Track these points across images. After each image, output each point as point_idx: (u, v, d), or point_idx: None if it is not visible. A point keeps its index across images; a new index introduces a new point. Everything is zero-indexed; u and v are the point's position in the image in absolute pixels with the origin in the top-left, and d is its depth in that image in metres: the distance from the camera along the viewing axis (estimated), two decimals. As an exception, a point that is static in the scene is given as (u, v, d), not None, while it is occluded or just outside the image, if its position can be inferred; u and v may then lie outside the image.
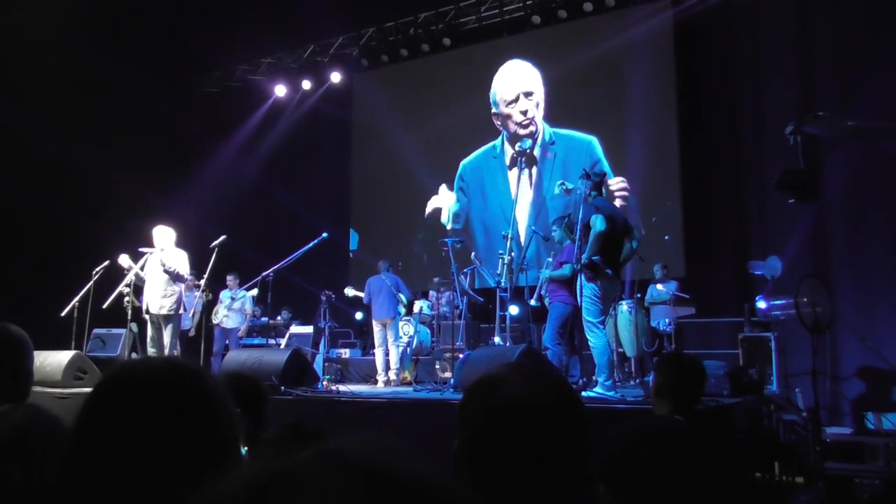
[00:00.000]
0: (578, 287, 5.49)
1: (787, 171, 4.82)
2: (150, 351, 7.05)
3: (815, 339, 5.32)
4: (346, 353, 9.55)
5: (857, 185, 7.95)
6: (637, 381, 7.30)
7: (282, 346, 8.78)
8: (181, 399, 0.94)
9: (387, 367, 7.93)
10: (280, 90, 12.37)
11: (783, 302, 6.47)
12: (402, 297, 8.13)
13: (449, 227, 10.97)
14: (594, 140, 10.03)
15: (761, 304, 7.05)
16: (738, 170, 9.10)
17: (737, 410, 4.99)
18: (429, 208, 11.21)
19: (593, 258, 5.36)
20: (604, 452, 1.38)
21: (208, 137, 12.27)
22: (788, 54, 8.78)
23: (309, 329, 9.45)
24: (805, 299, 5.34)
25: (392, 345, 7.94)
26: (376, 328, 8.02)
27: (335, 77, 11.99)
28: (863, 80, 7.91)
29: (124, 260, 6.91)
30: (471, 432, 1.17)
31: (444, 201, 11.18)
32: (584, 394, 5.23)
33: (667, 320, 7.71)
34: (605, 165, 9.76)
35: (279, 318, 9.99)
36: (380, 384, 7.80)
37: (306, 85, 12.25)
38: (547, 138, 10.38)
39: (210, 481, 0.51)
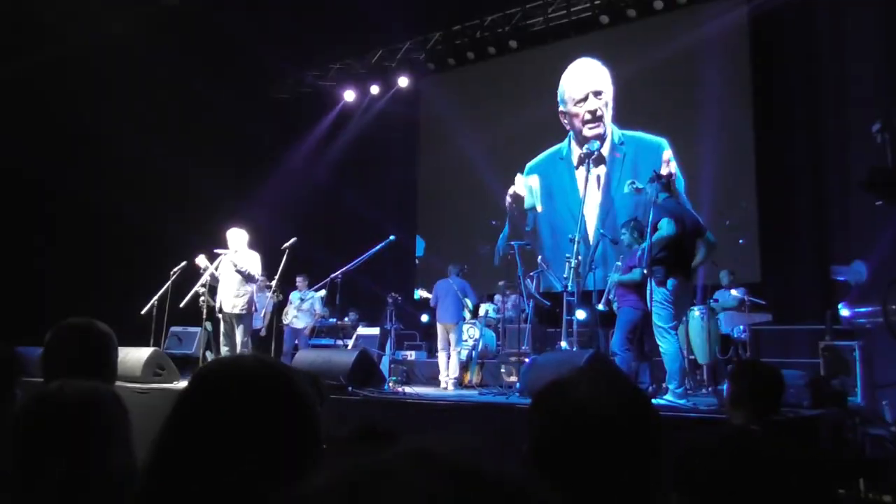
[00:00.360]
0: (649, 291, 5.36)
1: (875, 170, 4.54)
2: (223, 349, 7.29)
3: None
4: (411, 355, 9.62)
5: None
6: (709, 389, 7.06)
7: (349, 347, 8.92)
8: (273, 397, 0.96)
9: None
10: (349, 95, 12.59)
11: (870, 309, 6.13)
12: (468, 302, 8.14)
13: (539, 208, 10.82)
14: (664, 141, 9.79)
15: (845, 312, 6.70)
16: (818, 169, 8.69)
17: (819, 422, 4.76)
18: (508, 199, 11.08)
19: (660, 259, 5.23)
20: (675, 460, 1.35)
21: (281, 142, 12.61)
22: (874, 48, 8.32)
23: (375, 331, 9.56)
24: (894, 306, 5.04)
25: (454, 349, 7.96)
26: (441, 331, 8.06)
27: (402, 81, 12.11)
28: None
29: (201, 260, 7.17)
30: (538, 435, 1.17)
31: (526, 185, 11.02)
32: (654, 401, 5.09)
33: (741, 327, 7.43)
34: (676, 167, 9.53)
35: (346, 319, 10.15)
36: (443, 386, 7.84)
37: (374, 90, 12.41)
38: (616, 139, 10.18)
39: (300, 479, 0.53)
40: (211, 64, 11.37)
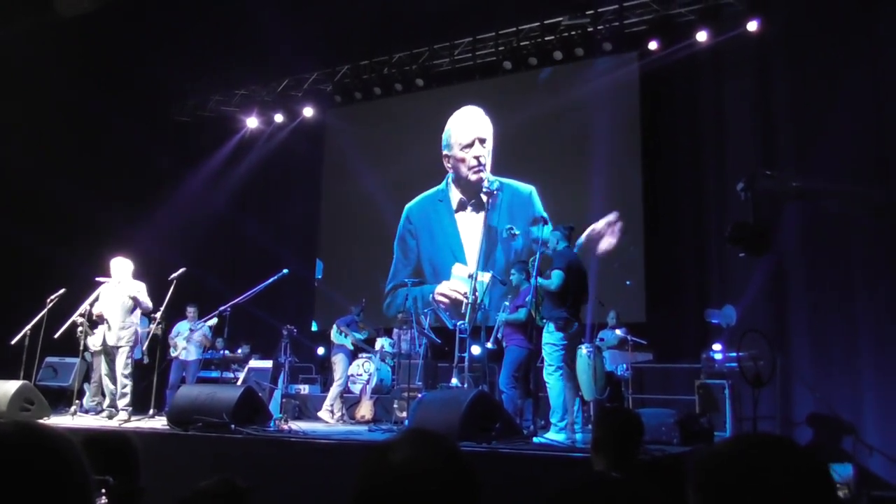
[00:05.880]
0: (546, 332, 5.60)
1: (738, 225, 4.95)
2: (106, 381, 6.97)
3: (756, 391, 5.41)
4: (305, 388, 9.45)
5: (812, 240, 8.14)
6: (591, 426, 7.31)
7: (240, 381, 8.67)
8: (33, 471, 0.87)
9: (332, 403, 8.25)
10: (252, 122, 12.37)
11: (733, 354, 6.57)
12: (349, 335, 8.50)
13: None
14: (533, 190, 10.25)
15: (718, 356, 7.15)
16: (700, 219, 9.29)
17: (685, 459, 5.03)
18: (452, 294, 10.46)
19: (562, 306, 5.48)
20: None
21: (178, 167, 12.20)
22: (750, 112, 9.03)
23: (268, 363, 9.34)
24: (746, 353, 5.44)
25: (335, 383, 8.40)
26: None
27: (308, 112, 12.05)
28: (817, 141, 8.12)
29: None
30: (357, 493, 1.21)
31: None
32: (534, 440, 5.25)
33: (624, 365, 7.77)
34: (543, 214, 9.96)
35: (239, 351, 9.86)
36: (326, 418, 8.04)
37: (279, 118, 12.28)
38: (494, 187, 10.49)
39: None
40: (108, 80, 10.95)
